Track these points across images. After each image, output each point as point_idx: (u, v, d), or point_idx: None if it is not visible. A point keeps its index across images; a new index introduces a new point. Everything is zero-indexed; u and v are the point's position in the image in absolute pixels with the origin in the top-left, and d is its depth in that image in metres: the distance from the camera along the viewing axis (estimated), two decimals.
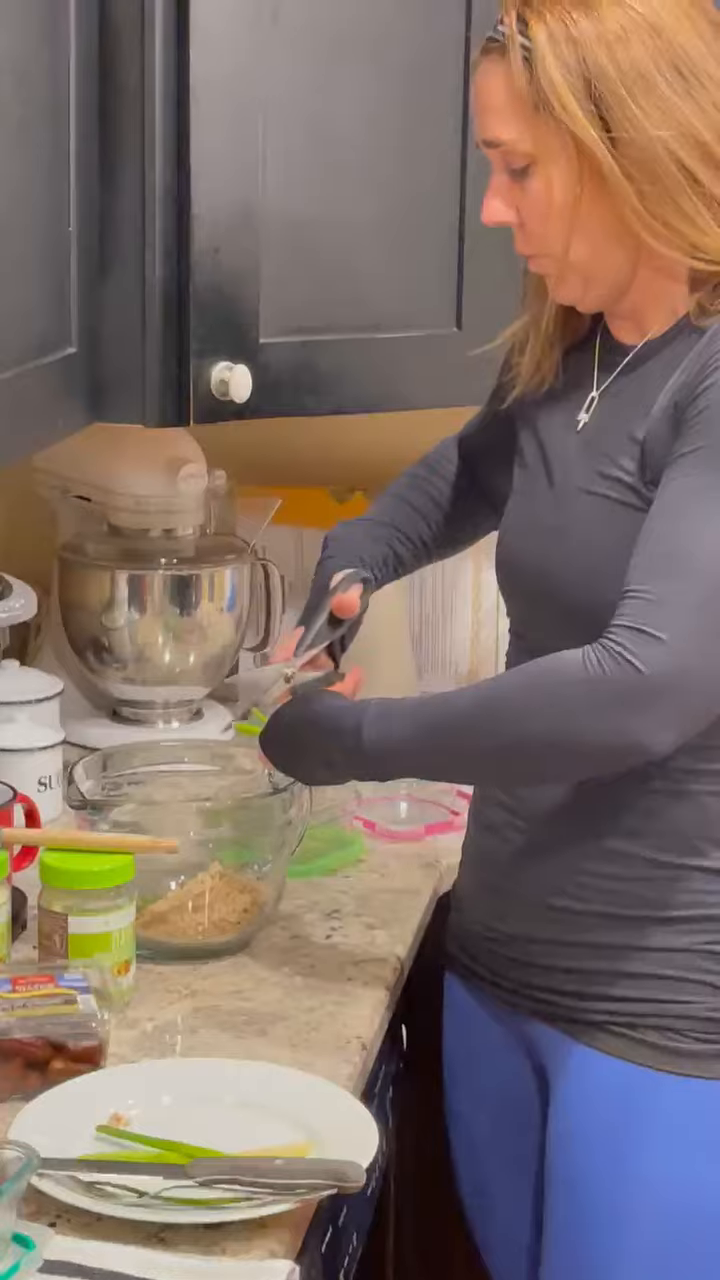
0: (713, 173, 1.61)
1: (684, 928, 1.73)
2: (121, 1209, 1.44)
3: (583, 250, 1.68)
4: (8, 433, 1.78)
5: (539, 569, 1.78)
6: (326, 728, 1.76)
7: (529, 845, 1.80)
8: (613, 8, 1.60)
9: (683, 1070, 1.73)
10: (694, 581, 1.57)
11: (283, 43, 2.07)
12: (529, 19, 1.61)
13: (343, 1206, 1.64)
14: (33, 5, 1.79)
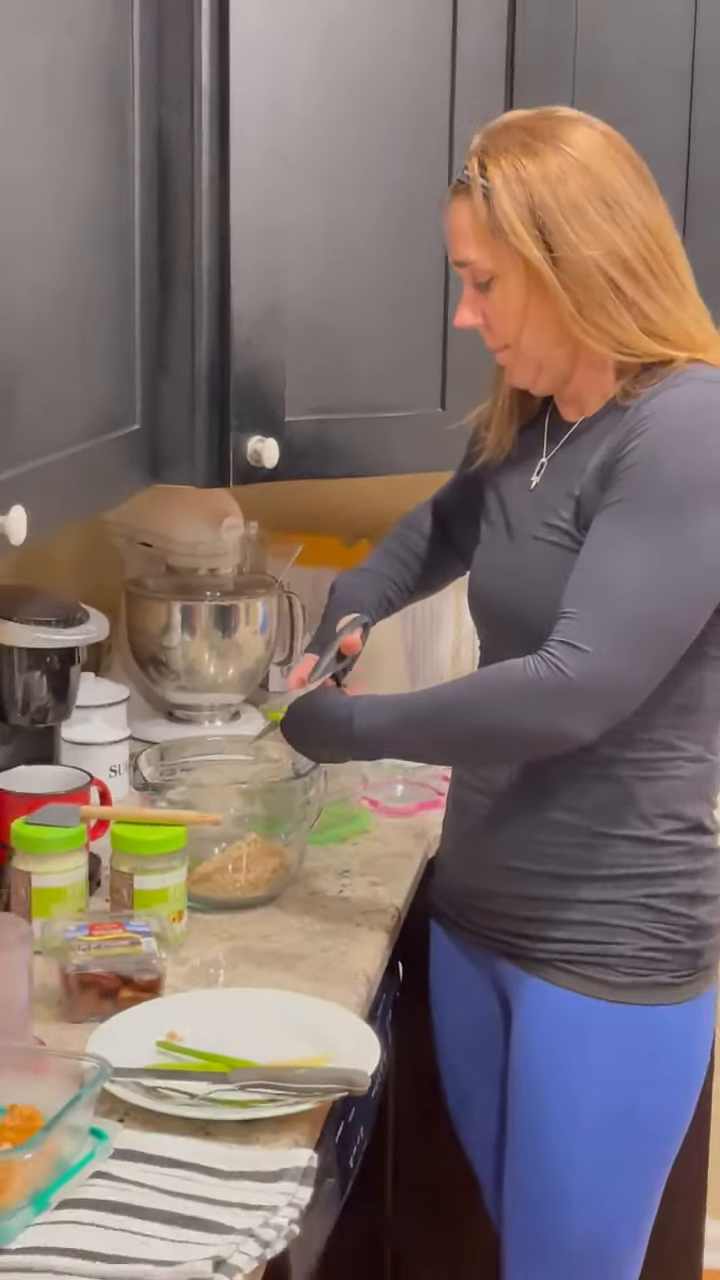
0: (633, 284, 1.62)
1: (616, 885, 1.73)
2: (176, 1108, 1.45)
3: (533, 345, 1.70)
4: (85, 493, 1.78)
5: (501, 600, 1.79)
6: (326, 717, 1.80)
7: (492, 820, 1.80)
8: (552, 154, 1.62)
9: (616, 998, 1.73)
10: (613, 607, 1.59)
11: (298, 180, 2.06)
12: (487, 164, 1.64)
13: (352, 1107, 1.65)
14: (106, 155, 1.80)
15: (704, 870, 1.76)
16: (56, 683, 1.99)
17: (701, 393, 1.63)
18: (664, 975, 1.74)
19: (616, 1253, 1.82)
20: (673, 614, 1.62)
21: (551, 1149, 1.77)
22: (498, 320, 1.70)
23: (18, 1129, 1.33)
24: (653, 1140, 1.79)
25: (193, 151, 1.98)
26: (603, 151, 1.64)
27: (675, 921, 1.74)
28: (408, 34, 2.14)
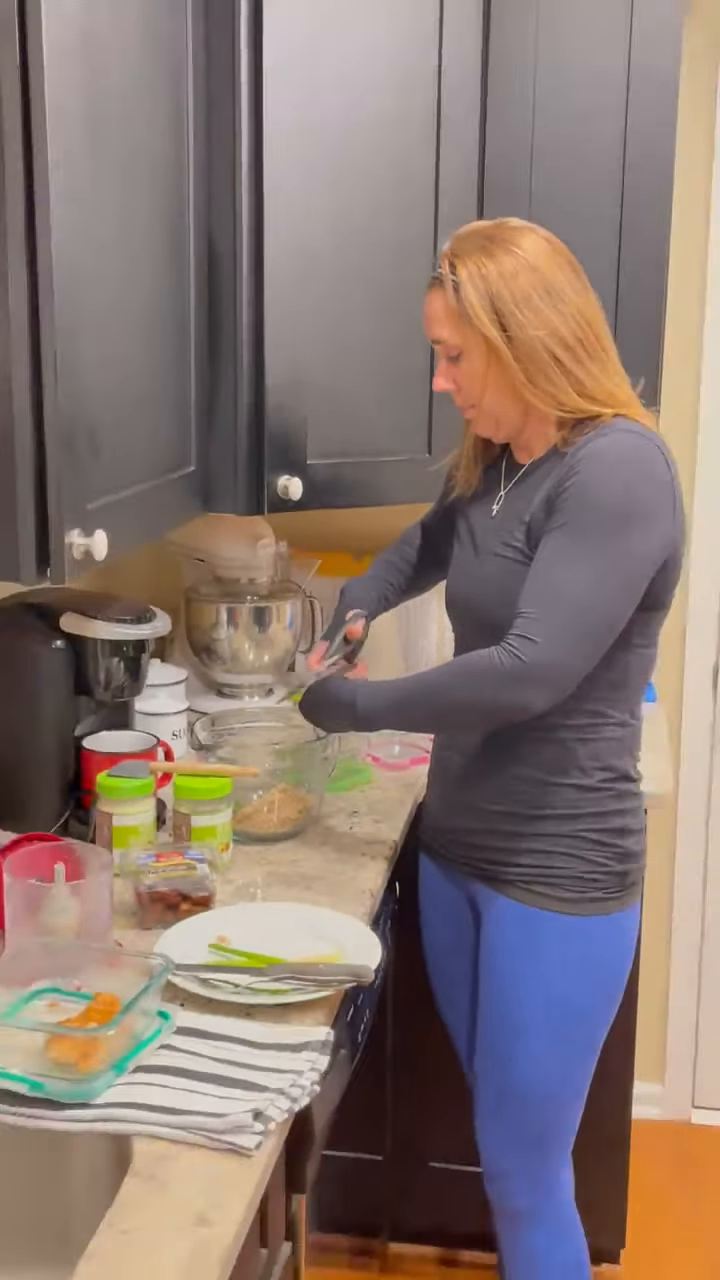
0: (570, 357, 1.64)
1: (561, 822, 1.75)
2: (224, 995, 1.47)
3: (492, 405, 1.72)
4: (152, 520, 1.79)
5: (470, 602, 1.81)
6: (334, 700, 1.83)
7: (466, 774, 1.82)
8: (506, 256, 1.64)
9: (562, 910, 1.75)
10: (558, 608, 1.62)
11: (317, 277, 2.07)
12: (456, 264, 1.66)
13: (360, 994, 1.67)
14: (168, 257, 1.80)
15: (629, 809, 1.78)
16: (131, 667, 2.00)
17: (624, 441, 1.65)
18: (599, 892, 1.76)
19: (561, 1105, 1.83)
20: (604, 613, 1.63)
21: (511, 1026, 1.79)
22: (465, 386, 1.72)
23: (102, 1011, 1.34)
24: (590, 1018, 1.80)
25: (235, 254, 1.98)
26: (546, 254, 1.66)
27: (608, 850, 1.75)
28: (401, 163, 2.14)
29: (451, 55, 2.15)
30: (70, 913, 1.50)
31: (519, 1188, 1.87)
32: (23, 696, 1.93)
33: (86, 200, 1.50)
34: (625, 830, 1.78)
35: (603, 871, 1.76)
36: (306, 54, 1.98)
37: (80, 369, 1.51)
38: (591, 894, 1.76)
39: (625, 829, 1.78)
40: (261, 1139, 1.23)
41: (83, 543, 1.50)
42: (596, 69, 2.21)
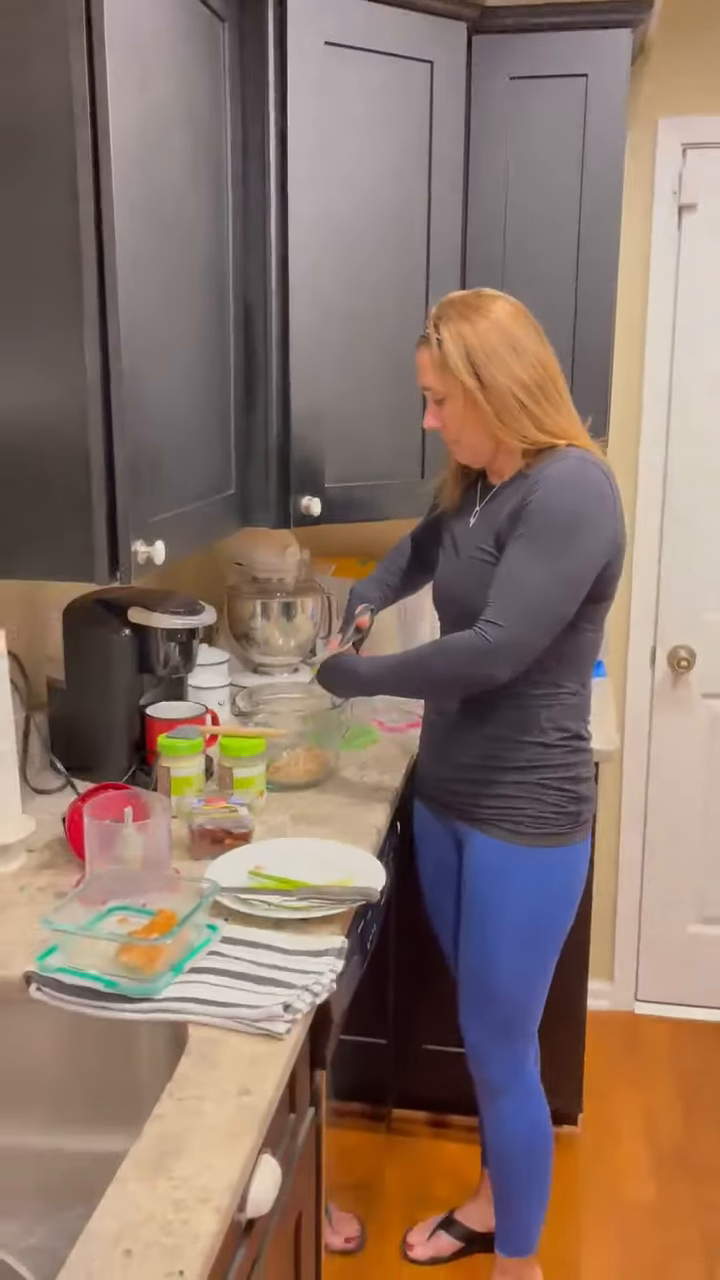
0: (532, 400, 1.65)
1: (525, 772, 1.75)
2: (260, 911, 1.47)
3: (470, 439, 1.71)
4: (201, 532, 1.78)
5: (451, 596, 1.80)
6: (345, 670, 1.84)
7: (448, 733, 1.82)
8: (481, 319, 1.64)
9: (526, 843, 1.76)
10: (519, 597, 1.62)
11: (332, 336, 2.06)
12: (440, 325, 1.66)
13: (368, 910, 1.66)
14: (212, 317, 1.80)
15: (581, 762, 1.78)
16: (184, 650, 1.99)
17: (573, 466, 1.64)
18: (555, 828, 1.76)
19: (527, 999, 1.83)
20: (555, 603, 1.63)
21: (486, 937, 1.79)
22: (448, 424, 1.71)
23: (162, 925, 1.35)
24: (550, 929, 1.80)
25: (266, 317, 1.97)
26: (512, 316, 1.66)
27: (563, 794, 1.76)
28: (398, 244, 2.13)
29: (439, 158, 2.13)
30: (137, 846, 1.50)
31: (494, 1066, 1.87)
32: (98, 674, 1.93)
33: (147, 271, 1.50)
34: (577, 779, 1.77)
35: (559, 812, 1.75)
36: (322, 158, 1.97)
37: (143, 408, 1.51)
38: (549, 830, 1.75)
39: (577, 778, 1.77)
40: (290, 1026, 1.23)
41: (145, 550, 1.50)
42: (556, 172, 2.19)
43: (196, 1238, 0.93)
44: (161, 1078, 1.29)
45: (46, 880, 1.57)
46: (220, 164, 1.80)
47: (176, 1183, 1.00)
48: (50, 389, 1.42)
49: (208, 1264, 0.93)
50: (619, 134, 2.16)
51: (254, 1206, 1.07)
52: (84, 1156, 1.30)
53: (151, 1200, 0.97)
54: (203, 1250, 0.92)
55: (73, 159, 1.35)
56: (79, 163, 1.35)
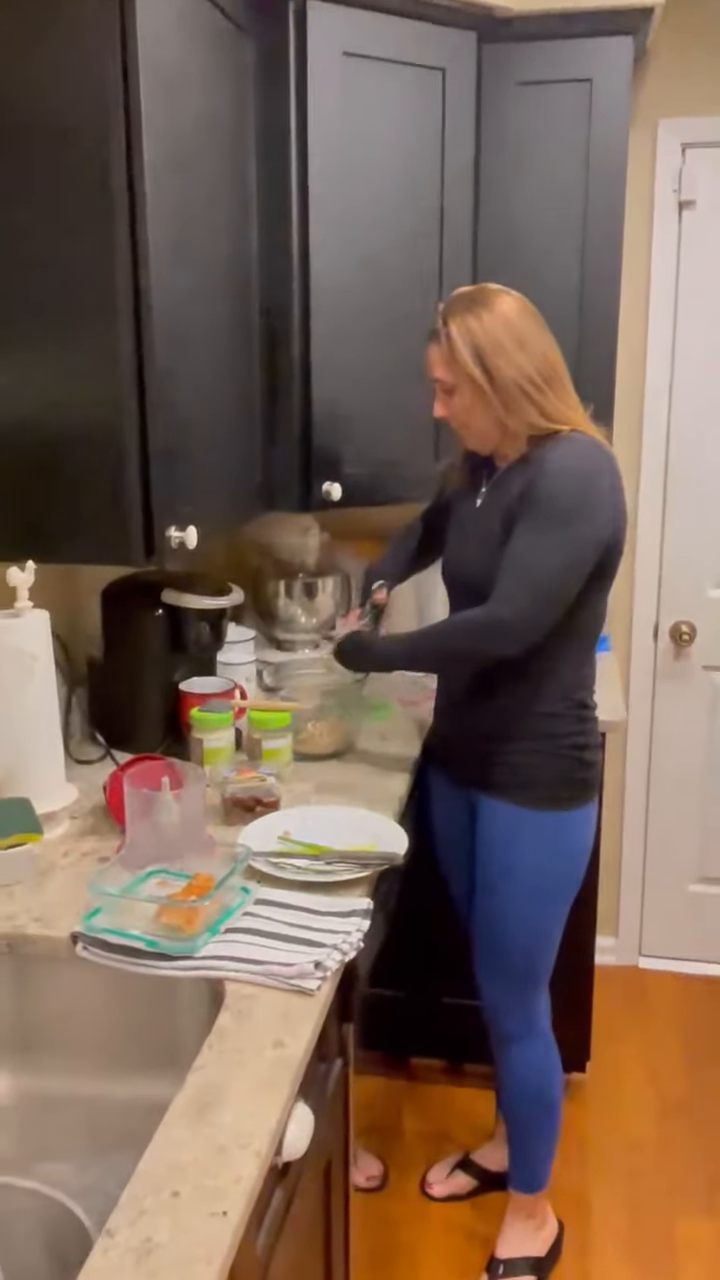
0: (535, 390, 1.63)
1: (533, 740, 1.74)
2: (289, 875, 1.47)
3: (478, 428, 1.70)
4: (229, 518, 1.79)
5: (460, 573, 1.79)
6: (359, 646, 1.84)
7: (461, 705, 1.81)
8: (486, 314, 1.62)
9: (535, 807, 1.75)
10: (526, 577, 1.62)
11: (350, 331, 2.04)
12: (448, 321, 1.64)
13: (391, 873, 1.65)
14: (237, 318, 1.79)
15: (586, 730, 1.77)
16: (215, 628, 2.00)
17: (575, 450, 1.63)
18: (563, 792, 1.75)
19: (537, 953, 1.83)
20: (558, 582, 1.62)
21: (499, 897, 1.79)
22: (457, 414, 1.70)
23: (200, 887, 1.35)
24: (558, 889, 1.80)
25: (288, 314, 1.96)
26: (517, 311, 1.64)
27: (569, 761, 1.75)
28: (412, 246, 2.11)
29: (451, 160, 2.11)
30: (174, 813, 1.50)
31: (507, 1015, 1.88)
32: (134, 652, 1.94)
33: (177, 270, 1.49)
34: (584, 745, 1.76)
35: (567, 778, 1.75)
36: (341, 162, 1.96)
37: (175, 400, 1.51)
38: (558, 794, 1.75)
39: (584, 744, 1.76)
40: (321, 982, 1.24)
41: (178, 535, 1.50)
42: (562, 172, 2.17)
43: (238, 1180, 0.94)
44: (201, 1030, 1.30)
45: (89, 846, 1.58)
46: (245, 168, 1.79)
47: (218, 1129, 1.00)
48: (87, 382, 1.42)
49: (249, 1204, 0.93)
50: (622, 135, 2.13)
51: (289, 1151, 1.08)
52: (130, 1103, 1.31)
53: (196, 1145, 0.98)
54: (244, 1191, 0.93)
55: (108, 167, 1.34)
56: (114, 170, 1.35)
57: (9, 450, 1.46)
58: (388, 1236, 2.09)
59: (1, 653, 1.52)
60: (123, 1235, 0.88)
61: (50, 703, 1.59)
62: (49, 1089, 1.34)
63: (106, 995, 1.34)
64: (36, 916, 1.37)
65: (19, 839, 1.47)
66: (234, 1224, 0.89)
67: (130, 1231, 0.88)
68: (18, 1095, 1.33)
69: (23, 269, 1.40)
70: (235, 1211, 0.91)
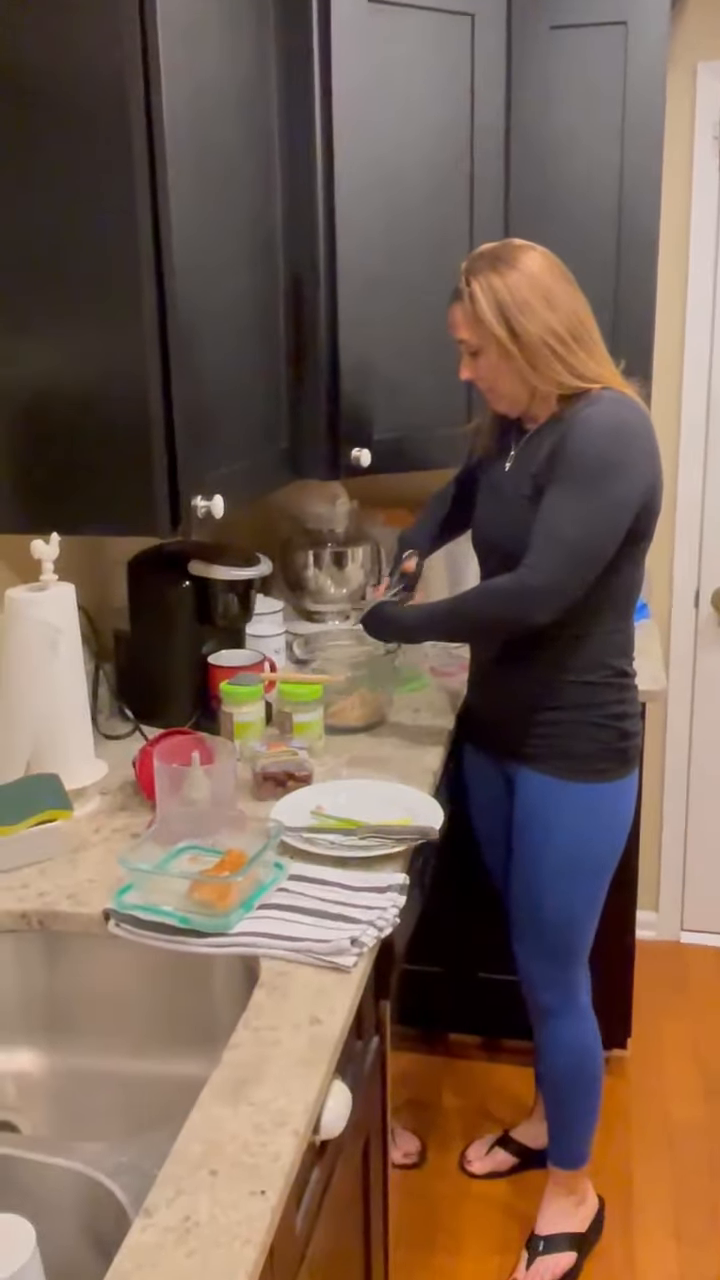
0: (564, 348, 1.60)
1: (570, 710, 1.73)
2: (323, 850, 1.47)
3: (504, 389, 1.67)
4: (256, 486, 1.78)
5: (490, 538, 1.79)
6: (386, 616, 1.83)
7: (496, 676, 1.81)
8: (512, 270, 1.60)
9: (574, 779, 1.75)
10: (558, 542, 1.60)
11: (378, 292, 2.02)
12: (471, 280, 1.62)
13: (426, 847, 1.64)
14: (264, 281, 1.77)
15: (626, 699, 1.75)
16: (243, 600, 1.99)
17: (606, 409, 1.60)
18: (602, 764, 1.74)
19: (577, 927, 1.83)
20: (591, 546, 1.60)
21: (536, 871, 1.79)
22: (482, 375, 1.68)
23: (232, 863, 1.36)
24: (598, 862, 1.79)
25: (315, 276, 1.93)
26: (543, 267, 1.61)
27: (609, 730, 1.73)
28: (442, 200, 2.08)
29: (481, 109, 2.07)
30: (204, 788, 1.51)
31: (546, 990, 1.88)
32: (161, 625, 1.94)
33: (200, 232, 1.48)
34: (623, 715, 1.75)
35: (605, 748, 1.74)
36: (367, 114, 1.93)
37: (199, 366, 1.50)
38: (597, 765, 1.74)
39: (623, 714, 1.75)
40: (357, 959, 1.24)
41: (204, 505, 1.50)
42: (597, 118, 2.12)
43: (276, 1158, 0.95)
44: (236, 1008, 1.31)
45: (120, 822, 1.59)
46: (268, 124, 1.77)
47: (256, 1107, 1.01)
48: (109, 350, 1.41)
49: (288, 1183, 0.94)
50: (659, 79, 2.08)
51: (327, 1129, 1.08)
52: (165, 1081, 1.32)
53: (233, 1123, 0.99)
54: (283, 1170, 0.94)
55: (127, 125, 1.33)
56: (134, 129, 1.33)
57: (31, 421, 1.46)
58: (427, 1214, 2.11)
59: (27, 626, 1.53)
60: (161, 1214, 0.89)
61: (77, 677, 1.59)
62: (83, 1067, 1.35)
63: (140, 973, 1.35)
64: (69, 894, 1.38)
65: (49, 815, 1.48)
66: (273, 1203, 0.90)
67: (168, 1211, 0.89)
68: (52, 1074, 1.35)
69: (41, 235, 1.39)
70: (274, 1190, 0.91)
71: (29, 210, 1.38)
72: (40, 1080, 1.35)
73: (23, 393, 1.45)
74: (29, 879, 1.43)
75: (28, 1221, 0.84)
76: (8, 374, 1.45)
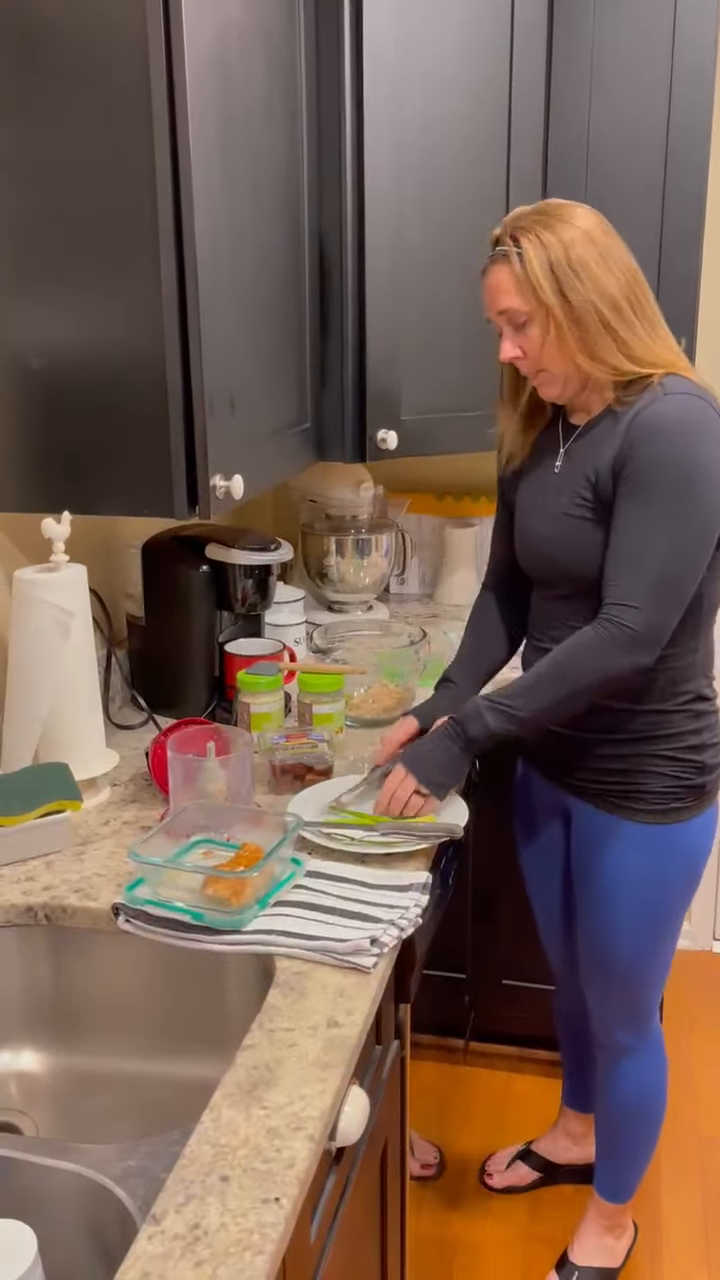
0: (619, 318, 1.47)
1: (643, 743, 1.59)
2: (342, 846, 1.46)
3: (556, 368, 1.52)
4: (278, 467, 1.76)
5: (544, 557, 1.62)
6: (450, 737, 1.56)
7: None
8: (565, 226, 1.46)
9: (645, 820, 1.62)
10: (645, 572, 1.46)
11: (407, 265, 2.01)
12: (519, 237, 1.48)
13: (451, 846, 1.64)
14: (287, 250, 1.76)
15: (705, 727, 1.61)
16: (261, 587, 1.98)
17: (676, 405, 1.46)
18: (677, 803, 1.61)
19: (650, 970, 1.72)
20: (686, 570, 1.47)
21: (604, 920, 1.69)
22: (531, 351, 1.52)
23: (248, 858, 1.35)
24: (671, 905, 1.67)
25: (341, 248, 1.92)
26: (597, 225, 1.48)
27: (685, 764, 1.60)
28: (477, 163, 2.07)
29: (520, 62, 2.04)
30: (220, 781, 1.50)
31: (620, 1030, 1.78)
32: (177, 611, 1.93)
33: (221, 205, 1.47)
34: (701, 746, 1.60)
35: (681, 785, 1.60)
36: (398, 70, 1.91)
37: (219, 341, 1.48)
38: (671, 805, 1.60)
39: (702, 745, 1.60)
40: (377, 959, 1.23)
41: (224, 485, 1.48)
42: (643, 70, 2.10)
43: (291, 1164, 0.94)
44: (250, 1008, 1.30)
45: (131, 814, 1.58)
46: (294, 84, 1.75)
47: (270, 1111, 1.00)
48: (127, 323, 1.40)
49: (303, 1191, 0.93)
50: (711, 31, 2.05)
51: (344, 1136, 1.07)
52: (174, 1082, 1.32)
53: (246, 1128, 0.98)
54: (297, 1177, 0.92)
55: (147, 84, 1.31)
56: (153, 88, 1.31)
57: (43, 395, 1.45)
58: (444, 1228, 2.10)
59: (36, 609, 1.52)
60: (169, 1221, 0.88)
61: (89, 663, 1.58)
62: (90, 1068, 1.35)
63: (150, 970, 1.34)
64: (76, 888, 1.38)
65: (57, 806, 1.48)
66: (287, 1211, 0.89)
67: (177, 1217, 0.88)
68: (58, 1074, 1.35)
69: (56, 200, 1.38)
70: (288, 1198, 0.90)
71: (41, 172, 1.37)
72: (45, 1081, 1.34)
73: (34, 364, 1.44)
74: (35, 872, 1.42)
75: (29, 1228, 0.83)
76: (18, 343, 1.44)
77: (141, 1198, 0.98)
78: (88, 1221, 1.00)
